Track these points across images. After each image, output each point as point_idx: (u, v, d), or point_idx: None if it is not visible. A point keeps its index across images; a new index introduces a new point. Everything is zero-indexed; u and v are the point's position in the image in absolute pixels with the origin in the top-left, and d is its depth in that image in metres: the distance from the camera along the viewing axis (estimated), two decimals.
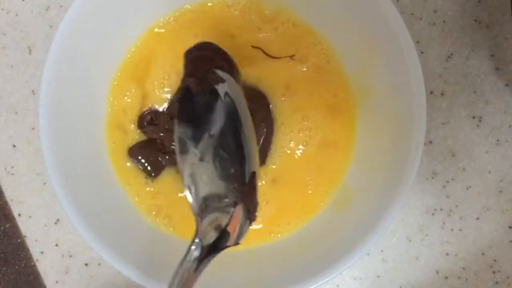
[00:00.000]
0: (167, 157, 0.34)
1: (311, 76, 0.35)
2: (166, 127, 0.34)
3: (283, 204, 0.35)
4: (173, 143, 0.34)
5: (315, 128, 0.35)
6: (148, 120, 0.34)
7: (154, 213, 0.35)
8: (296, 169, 0.35)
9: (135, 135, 0.35)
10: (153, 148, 0.34)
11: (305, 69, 0.35)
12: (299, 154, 0.35)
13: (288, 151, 0.35)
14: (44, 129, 0.31)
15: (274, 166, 0.35)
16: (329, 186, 0.35)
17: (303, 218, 0.35)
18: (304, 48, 0.35)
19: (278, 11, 0.35)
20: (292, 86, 0.35)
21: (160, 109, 0.35)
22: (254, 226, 0.34)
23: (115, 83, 0.35)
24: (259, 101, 0.34)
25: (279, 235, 0.35)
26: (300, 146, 0.35)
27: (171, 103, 0.35)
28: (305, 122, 0.35)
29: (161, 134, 0.34)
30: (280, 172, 0.35)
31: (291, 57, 0.34)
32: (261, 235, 0.35)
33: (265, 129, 0.34)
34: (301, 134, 0.35)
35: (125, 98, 0.35)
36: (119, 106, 0.35)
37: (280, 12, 0.35)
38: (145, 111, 0.35)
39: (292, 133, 0.35)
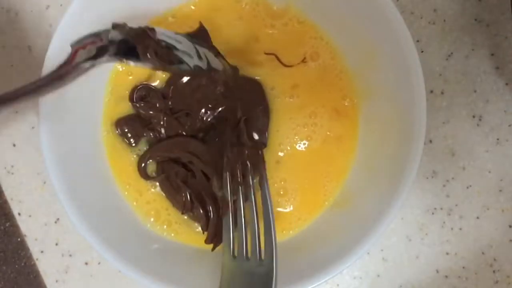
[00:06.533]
0: (151, 134, 0.35)
1: (318, 74, 0.35)
2: (157, 105, 0.34)
3: (298, 200, 0.35)
4: (160, 123, 0.34)
5: (320, 124, 0.35)
6: (140, 95, 0.35)
7: (152, 219, 0.35)
8: (301, 168, 0.35)
9: None
10: (141, 122, 0.35)
11: (313, 68, 0.35)
12: (303, 150, 0.35)
13: (294, 145, 0.35)
14: (44, 128, 0.31)
15: (282, 153, 0.35)
16: (333, 185, 0.35)
17: (305, 217, 0.35)
18: (310, 46, 0.35)
19: (285, 8, 0.35)
20: (300, 85, 0.35)
21: (153, 85, 0.35)
22: (283, 209, 0.35)
23: (115, 80, 0.35)
24: (254, 88, 0.35)
25: (290, 232, 0.35)
26: (305, 141, 0.35)
27: (167, 84, 0.35)
28: (312, 119, 0.35)
29: (150, 112, 0.34)
30: (289, 170, 0.35)
31: (303, 61, 0.35)
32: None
33: (261, 113, 0.35)
34: (305, 129, 0.35)
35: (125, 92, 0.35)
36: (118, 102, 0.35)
37: (288, 9, 0.35)
38: (139, 85, 0.35)
39: (298, 127, 0.35)
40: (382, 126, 0.33)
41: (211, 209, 0.33)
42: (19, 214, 0.39)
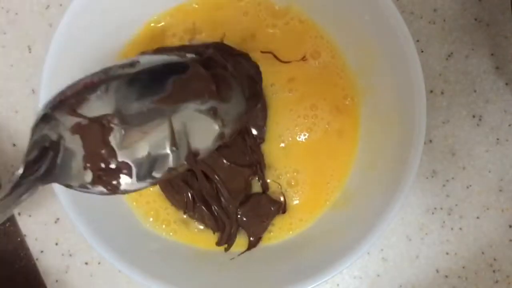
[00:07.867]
0: None
1: (319, 72, 0.35)
2: None
3: (306, 194, 0.35)
4: None
5: (321, 117, 0.35)
6: None
7: (151, 219, 0.35)
8: (306, 159, 0.35)
9: None
10: None
11: (314, 66, 0.35)
12: (304, 142, 0.35)
13: (295, 136, 0.35)
14: None
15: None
16: (335, 184, 0.35)
17: (306, 217, 0.35)
18: (311, 45, 0.35)
19: (287, 7, 0.35)
20: (297, 78, 0.35)
21: None
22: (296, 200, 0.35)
23: None
24: (250, 84, 0.34)
25: (290, 232, 0.35)
26: (305, 133, 0.35)
27: None
28: (313, 111, 0.35)
29: None
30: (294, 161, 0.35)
31: (303, 59, 0.35)
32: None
33: (258, 108, 0.35)
34: (306, 120, 0.35)
35: None
36: None
37: (289, 8, 0.35)
38: None
39: (299, 118, 0.35)
40: (382, 125, 0.33)
41: (216, 208, 0.33)
42: (19, 214, 0.39)
